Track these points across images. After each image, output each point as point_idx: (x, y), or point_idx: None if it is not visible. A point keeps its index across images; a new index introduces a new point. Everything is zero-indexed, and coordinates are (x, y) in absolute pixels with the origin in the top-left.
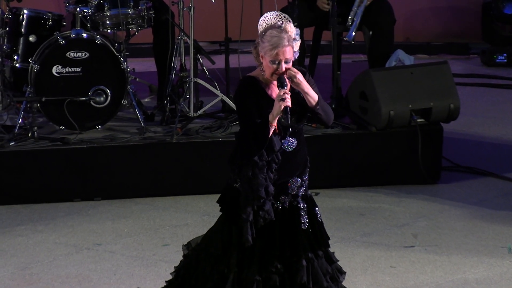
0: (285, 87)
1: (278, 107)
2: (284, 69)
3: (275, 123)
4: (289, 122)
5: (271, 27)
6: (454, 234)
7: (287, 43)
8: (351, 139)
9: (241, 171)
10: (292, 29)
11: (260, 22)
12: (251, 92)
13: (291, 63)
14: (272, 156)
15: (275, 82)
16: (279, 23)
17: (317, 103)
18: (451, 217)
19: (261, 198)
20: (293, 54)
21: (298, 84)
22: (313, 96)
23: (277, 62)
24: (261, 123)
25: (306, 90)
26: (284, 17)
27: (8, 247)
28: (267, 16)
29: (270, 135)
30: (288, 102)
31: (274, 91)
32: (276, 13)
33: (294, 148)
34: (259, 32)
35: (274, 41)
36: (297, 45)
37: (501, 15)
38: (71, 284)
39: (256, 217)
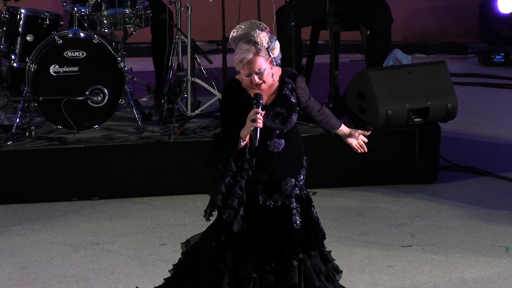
0: (259, 106)
1: (249, 127)
2: (257, 80)
3: (246, 139)
4: (256, 144)
5: (241, 37)
6: (452, 233)
7: (252, 55)
8: None
9: (212, 173)
10: (263, 38)
11: (232, 33)
12: (233, 95)
13: (268, 72)
14: (240, 165)
15: None
16: (250, 33)
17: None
18: (449, 217)
19: (215, 206)
20: (270, 62)
21: None
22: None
23: (247, 75)
24: (232, 136)
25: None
26: (256, 25)
27: (6, 246)
28: (239, 26)
29: (238, 149)
30: (259, 124)
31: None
32: (249, 22)
33: (282, 149)
34: (231, 42)
35: (240, 54)
36: (274, 51)
37: (498, 15)
38: (69, 283)
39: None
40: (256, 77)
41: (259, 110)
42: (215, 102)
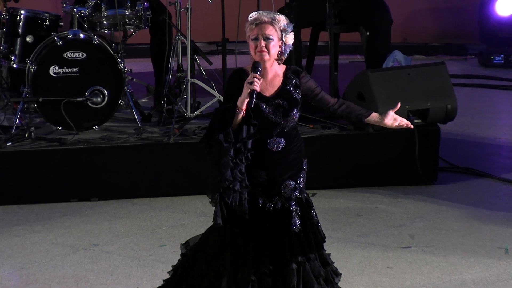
0: (258, 72)
1: (246, 90)
2: (262, 44)
3: (243, 107)
4: (252, 105)
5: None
6: (451, 234)
7: (266, 19)
8: (348, 140)
9: (210, 151)
10: (282, 19)
11: (253, 13)
12: (237, 80)
13: (274, 47)
14: (240, 143)
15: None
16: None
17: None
18: (448, 218)
19: (226, 180)
20: (279, 45)
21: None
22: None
23: (254, 38)
24: (229, 106)
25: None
26: (278, 13)
27: (5, 247)
28: (262, 11)
29: (237, 119)
30: (256, 87)
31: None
32: (273, 12)
33: (282, 148)
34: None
35: (254, 16)
36: (287, 38)
37: (498, 16)
38: (68, 284)
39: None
40: (262, 42)
41: (257, 75)
42: (214, 103)
